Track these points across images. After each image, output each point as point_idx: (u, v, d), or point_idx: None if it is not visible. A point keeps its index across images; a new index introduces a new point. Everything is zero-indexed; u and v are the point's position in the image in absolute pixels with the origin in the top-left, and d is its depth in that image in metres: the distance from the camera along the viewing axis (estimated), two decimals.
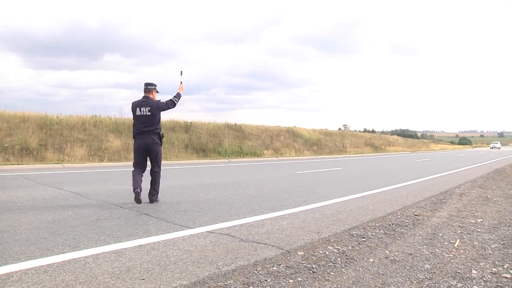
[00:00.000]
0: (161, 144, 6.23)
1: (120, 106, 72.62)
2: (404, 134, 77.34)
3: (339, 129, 59.87)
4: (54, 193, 7.02)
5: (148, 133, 5.99)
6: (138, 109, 5.98)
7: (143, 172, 6.07)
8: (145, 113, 5.97)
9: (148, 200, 6.10)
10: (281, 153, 26.73)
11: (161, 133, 6.20)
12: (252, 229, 4.44)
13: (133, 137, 6.14)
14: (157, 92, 6.27)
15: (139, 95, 6.18)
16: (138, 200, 5.78)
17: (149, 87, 6.14)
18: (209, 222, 4.70)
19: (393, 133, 72.41)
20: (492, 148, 62.85)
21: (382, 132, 68.77)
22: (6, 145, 16.15)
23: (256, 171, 13.61)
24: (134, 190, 5.80)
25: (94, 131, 20.20)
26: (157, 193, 6.22)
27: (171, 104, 6.19)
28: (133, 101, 6.11)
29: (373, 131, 66.90)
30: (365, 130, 66.42)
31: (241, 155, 23.46)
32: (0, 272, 2.92)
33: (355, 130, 58.02)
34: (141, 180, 5.95)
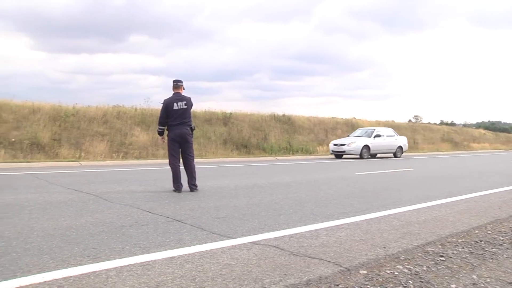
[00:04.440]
0: (192, 136, 8.06)
1: (147, 95, 74.16)
2: (495, 127, 74.22)
3: (409, 121, 58.46)
4: (70, 195, 7.26)
5: (183, 124, 7.82)
6: (175, 104, 7.79)
7: (179, 161, 7.95)
8: (181, 107, 7.81)
9: (187, 189, 7.84)
10: None
11: (192, 125, 8.04)
12: (305, 240, 4.36)
13: (167, 129, 7.93)
14: (184, 88, 8.08)
15: (169, 81, 7.72)
16: (179, 191, 7.72)
17: (178, 83, 8.01)
18: (253, 231, 4.66)
19: (479, 126, 69.70)
20: (337, 151, 22.47)
21: (465, 125, 66.43)
22: (13, 139, 16.91)
23: (309, 171, 13.49)
24: (175, 185, 7.79)
25: (117, 123, 20.79)
26: (195, 179, 7.96)
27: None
28: (165, 99, 7.90)
29: (452, 124, 64.78)
30: (442, 123, 64.46)
31: (290, 152, 23.42)
32: (8, 287, 3.00)
33: (429, 123, 56.43)
34: (180, 172, 7.85)
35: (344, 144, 22.19)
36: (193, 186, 7.88)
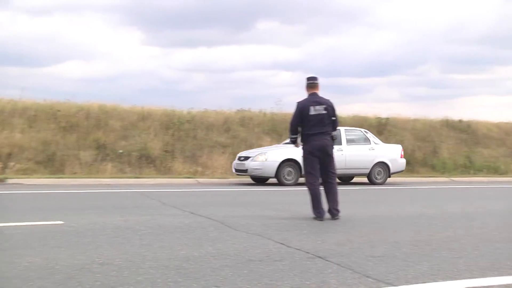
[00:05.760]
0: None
1: (278, 96, 75.71)
2: None
3: None
4: (186, 219, 7.67)
5: (323, 134, 7.89)
6: (312, 108, 7.86)
7: (319, 181, 8.01)
8: (320, 112, 7.87)
9: (328, 216, 7.83)
10: None
11: (333, 134, 8.16)
12: None
13: (302, 140, 8.04)
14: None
15: (303, 78, 8.24)
16: (321, 219, 7.74)
17: (314, 82, 8.15)
18: (422, 278, 4.49)
19: None
20: (239, 169, 16.40)
21: None
22: (121, 151, 18.33)
23: (500, 198, 12.79)
24: (316, 212, 7.83)
25: (241, 132, 21.49)
26: (338, 203, 7.95)
27: (337, 122, 8.18)
28: (298, 101, 8.08)
29: None
30: None
31: (471, 171, 22.41)
32: None
33: None
34: (321, 194, 7.92)
35: (248, 157, 16.03)
36: (335, 212, 7.89)
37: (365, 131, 18.07)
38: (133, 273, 4.37)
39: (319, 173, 8.01)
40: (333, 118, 8.07)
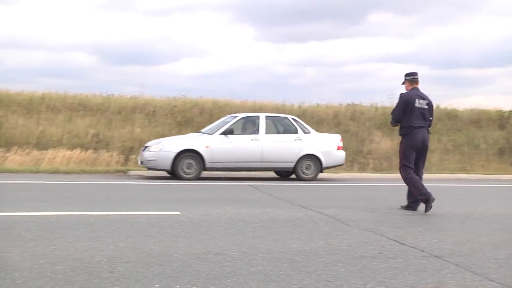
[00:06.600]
0: None
1: (390, 89, 74.39)
2: None
3: None
4: (298, 213, 7.68)
5: (424, 128, 8.18)
6: (417, 100, 8.09)
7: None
8: (423, 106, 8.13)
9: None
10: None
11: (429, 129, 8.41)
12: None
13: (404, 134, 8.16)
14: None
15: (420, 71, 8.36)
16: (429, 200, 7.77)
17: (416, 77, 8.37)
18: None
19: None
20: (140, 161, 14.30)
21: None
22: None
23: None
24: (423, 195, 7.84)
25: (352, 126, 21.31)
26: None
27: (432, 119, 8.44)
28: (402, 93, 8.31)
29: None
30: None
31: None
32: None
33: None
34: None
35: (146, 148, 14.06)
36: (415, 205, 8.24)
37: (293, 118, 15.11)
38: (246, 264, 4.44)
39: (414, 164, 8.17)
40: (431, 118, 8.34)
